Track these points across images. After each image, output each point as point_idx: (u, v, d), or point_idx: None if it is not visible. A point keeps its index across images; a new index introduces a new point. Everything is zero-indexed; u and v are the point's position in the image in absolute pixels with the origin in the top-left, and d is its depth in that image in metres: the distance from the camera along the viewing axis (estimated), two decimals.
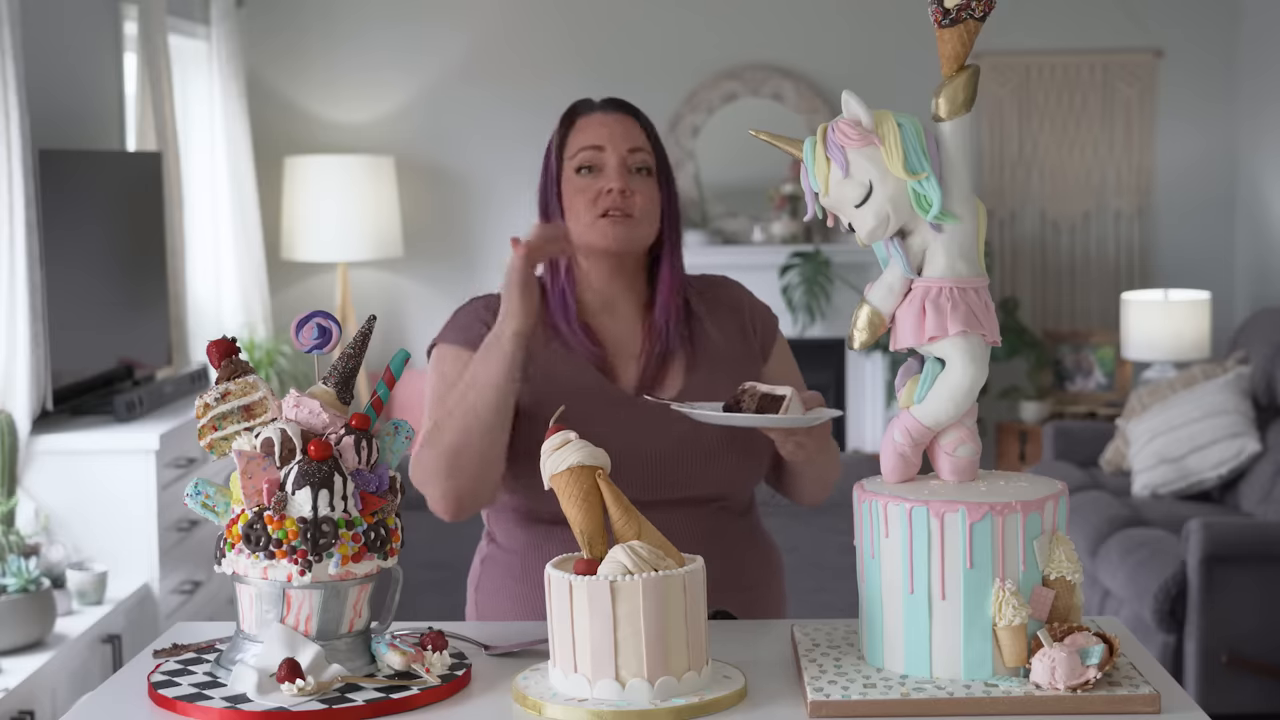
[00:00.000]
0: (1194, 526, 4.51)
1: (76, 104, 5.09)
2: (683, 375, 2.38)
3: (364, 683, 1.87)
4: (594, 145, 2.36)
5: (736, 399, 2.22)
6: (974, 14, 1.88)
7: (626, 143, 2.36)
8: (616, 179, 2.34)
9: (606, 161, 2.35)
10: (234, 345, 1.99)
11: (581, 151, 2.36)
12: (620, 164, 2.35)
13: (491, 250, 7.08)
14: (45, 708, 3.73)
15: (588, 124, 2.38)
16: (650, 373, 2.37)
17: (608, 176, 2.34)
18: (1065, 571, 1.87)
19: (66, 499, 4.34)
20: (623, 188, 2.34)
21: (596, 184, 2.35)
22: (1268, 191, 6.69)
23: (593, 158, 2.36)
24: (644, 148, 2.38)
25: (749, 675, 1.92)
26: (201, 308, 6.19)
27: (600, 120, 2.38)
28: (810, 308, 6.83)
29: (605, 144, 2.35)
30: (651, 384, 2.37)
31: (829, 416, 2.22)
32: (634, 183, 2.35)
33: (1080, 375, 7.02)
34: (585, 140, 2.37)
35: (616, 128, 2.37)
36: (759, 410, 2.18)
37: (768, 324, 2.49)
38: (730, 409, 2.21)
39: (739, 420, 2.18)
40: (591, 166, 2.36)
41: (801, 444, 2.24)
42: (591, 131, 2.37)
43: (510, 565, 2.38)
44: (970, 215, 1.92)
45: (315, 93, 7.12)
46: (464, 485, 2.25)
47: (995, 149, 7.15)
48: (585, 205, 2.35)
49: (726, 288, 2.51)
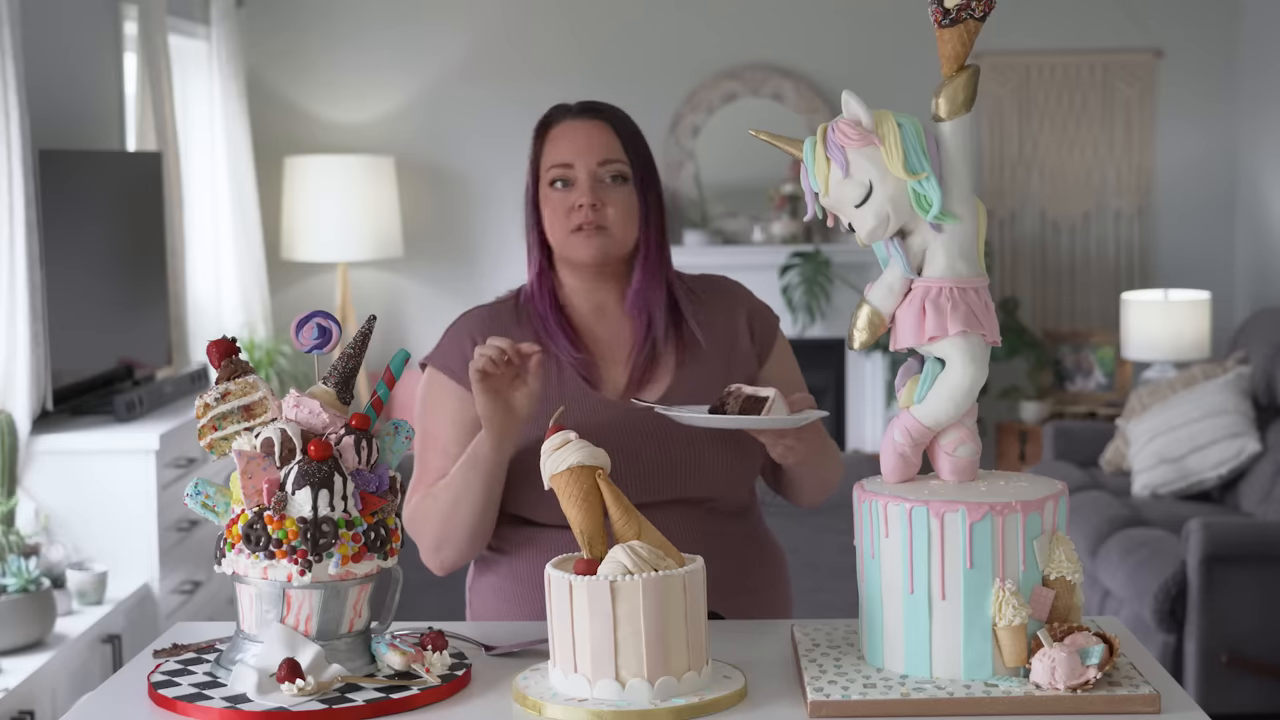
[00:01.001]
0: (1194, 526, 4.51)
1: (76, 104, 5.09)
2: (671, 374, 2.38)
3: (364, 683, 1.87)
4: (563, 162, 2.37)
5: (722, 401, 2.22)
6: (974, 14, 1.88)
7: (595, 155, 2.36)
8: (586, 194, 2.35)
9: (576, 176, 2.36)
10: (234, 345, 1.99)
11: (553, 167, 2.38)
12: (589, 177, 2.36)
13: (491, 250, 7.09)
14: (45, 708, 3.73)
15: (560, 135, 2.39)
16: (637, 374, 2.38)
17: (578, 191, 2.36)
18: (1065, 571, 1.87)
19: (66, 499, 4.34)
20: (593, 202, 2.34)
21: (569, 198, 2.36)
22: (1268, 191, 6.69)
23: (563, 173, 2.37)
24: (616, 157, 2.37)
25: (749, 675, 1.92)
26: (201, 308, 6.19)
27: (572, 131, 2.38)
28: (810, 308, 6.83)
29: (573, 159, 2.36)
30: (639, 385, 2.37)
31: (814, 418, 2.22)
32: (606, 193, 2.36)
33: (1080, 375, 7.02)
34: (556, 155, 2.38)
35: (589, 138, 2.37)
36: (743, 412, 2.18)
37: (768, 324, 2.49)
38: (716, 411, 2.21)
39: (721, 423, 2.18)
40: (564, 180, 2.37)
41: (791, 447, 2.24)
42: (563, 144, 2.38)
43: (508, 568, 2.38)
44: (970, 215, 1.92)
45: (315, 93, 7.12)
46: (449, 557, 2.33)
47: (995, 149, 7.15)
48: (559, 219, 2.37)
49: (726, 288, 2.51)
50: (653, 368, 2.38)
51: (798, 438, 2.24)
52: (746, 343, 2.45)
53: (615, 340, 2.41)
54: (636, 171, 2.39)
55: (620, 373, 2.38)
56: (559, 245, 2.38)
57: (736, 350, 2.43)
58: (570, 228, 2.35)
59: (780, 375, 2.44)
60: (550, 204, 2.37)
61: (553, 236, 2.38)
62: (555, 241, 2.38)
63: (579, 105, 2.42)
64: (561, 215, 2.36)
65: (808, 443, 2.26)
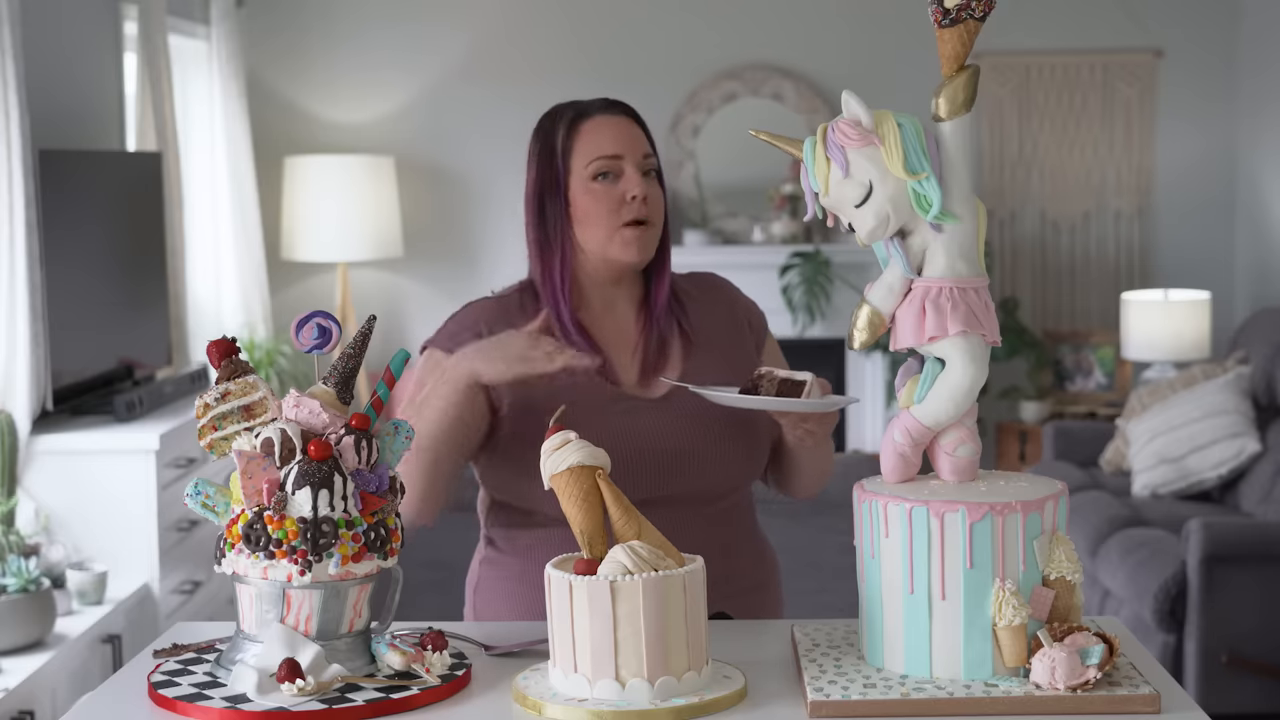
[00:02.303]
0: (1194, 526, 4.51)
1: (76, 104, 5.09)
2: (680, 362, 2.38)
3: (364, 683, 1.87)
4: (612, 153, 2.31)
5: (755, 383, 2.21)
6: (974, 14, 1.88)
7: (639, 146, 2.34)
8: (639, 186, 2.31)
9: (625, 168, 2.32)
10: (234, 345, 1.99)
11: (598, 159, 2.32)
12: (637, 170, 2.32)
13: (492, 250, 7.09)
14: (45, 708, 3.73)
15: (598, 127, 2.34)
16: (649, 364, 2.38)
17: (628, 183, 2.31)
18: (1065, 571, 1.87)
19: (66, 499, 4.34)
20: (645, 195, 2.31)
21: (616, 190, 2.31)
22: (1268, 191, 6.69)
23: (611, 165, 2.32)
24: (651, 151, 2.37)
25: (749, 675, 1.92)
26: (201, 308, 6.19)
27: (612, 124, 2.34)
28: (810, 308, 6.83)
29: (623, 151, 2.32)
30: (652, 374, 2.37)
31: (848, 402, 2.23)
32: (651, 188, 2.34)
33: (1080, 375, 7.02)
34: (600, 146, 2.32)
35: (628, 130, 2.34)
36: (780, 394, 2.18)
37: (758, 320, 2.51)
38: (748, 392, 2.20)
39: (759, 404, 2.17)
40: (609, 173, 2.32)
41: (811, 430, 2.25)
42: (605, 136, 2.33)
43: (508, 567, 2.38)
44: (970, 215, 1.92)
45: (315, 93, 7.12)
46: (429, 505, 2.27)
47: (995, 149, 7.15)
48: (606, 213, 2.31)
49: (717, 284, 2.52)
50: (661, 361, 2.39)
51: (818, 423, 2.25)
52: (748, 334, 2.46)
53: (622, 334, 2.40)
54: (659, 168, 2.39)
55: (630, 364, 2.39)
56: (601, 242, 2.32)
57: (737, 341, 2.44)
58: (620, 222, 2.31)
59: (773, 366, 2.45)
60: (592, 197, 2.32)
61: (594, 232, 2.32)
62: (597, 239, 2.32)
63: (602, 102, 2.38)
64: (609, 209, 2.31)
65: (825, 428, 2.27)
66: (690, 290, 2.47)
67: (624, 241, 2.32)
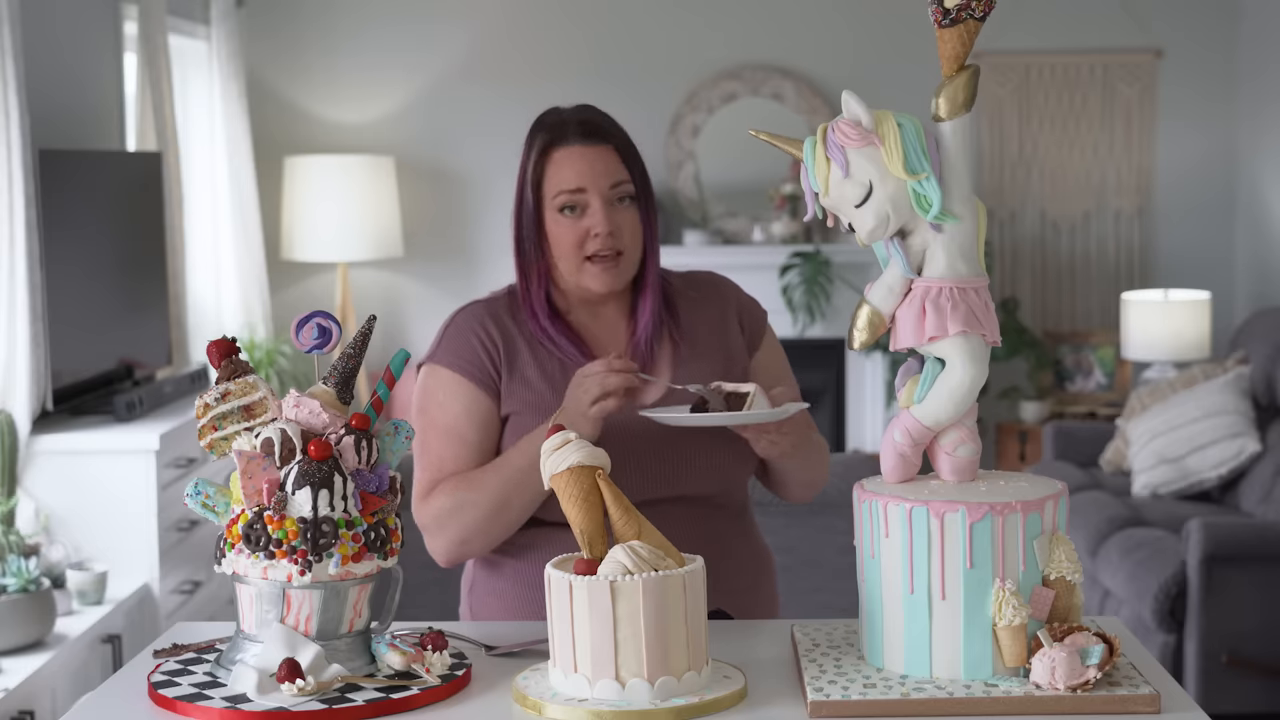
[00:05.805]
0: (1194, 526, 4.51)
1: (76, 104, 5.09)
2: (669, 370, 2.39)
3: (364, 683, 1.87)
4: (575, 188, 2.30)
5: (703, 400, 2.23)
6: (974, 14, 1.88)
7: (607, 179, 2.32)
8: (602, 222, 2.30)
9: (589, 201, 2.31)
10: (234, 345, 1.99)
11: (562, 194, 2.31)
12: (603, 204, 2.31)
13: (491, 250, 7.08)
14: (45, 708, 3.73)
15: (566, 159, 2.32)
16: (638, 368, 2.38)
17: (593, 218, 2.30)
18: (1065, 571, 1.87)
19: (66, 499, 4.34)
20: (610, 229, 2.30)
21: (581, 225, 2.31)
22: (1268, 191, 6.69)
23: (573, 199, 2.31)
24: (623, 178, 2.34)
25: (749, 675, 1.92)
26: (201, 308, 6.19)
27: (578, 156, 2.31)
28: (810, 308, 6.83)
29: (587, 185, 2.30)
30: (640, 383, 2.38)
31: (794, 410, 2.23)
32: (618, 216, 2.32)
33: (1080, 375, 7.02)
34: (565, 180, 2.31)
35: (596, 163, 2.31)
36: (726, 409, 2.20)
37: (756, 318, 2.50)
38: (698, 410, 2.22)
39: (704, 420, 2.19)
40: (575, 206, 2.31)
41: (775, 441, 2.25)
42: (571, 169, 2.31)
43: (504, 568, 2.38)
44: (970, 215, 1.92)
45: (315, 93, 7.12)
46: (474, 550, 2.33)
47: (995, 149, 7.15)
48: (571, 248, 2.32)
49: (715, 283, 2.52)
50: (651, 365, 2.39)
51: (781, 431, 2.25)
52: (738, 335, 2.46)
53: (611, 338, 2.41)
54: (638, 190, 2.36)
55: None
56: (569, 273, 2.33)
57: (729, 342, 2.45)
58: (583, 256, 2.31)
59: (769, 365, 2.46)
60: (560, 229, 2.32)
61: (562, 264, 2.33)
62: (565, 270, 2.33)
63: (579, 126, 2.34)
64: (572, 244, 2.31)
65: (791, 436, 2.27)
66: (685, 291, 2.47)
67: (591, 274, 2.32)
